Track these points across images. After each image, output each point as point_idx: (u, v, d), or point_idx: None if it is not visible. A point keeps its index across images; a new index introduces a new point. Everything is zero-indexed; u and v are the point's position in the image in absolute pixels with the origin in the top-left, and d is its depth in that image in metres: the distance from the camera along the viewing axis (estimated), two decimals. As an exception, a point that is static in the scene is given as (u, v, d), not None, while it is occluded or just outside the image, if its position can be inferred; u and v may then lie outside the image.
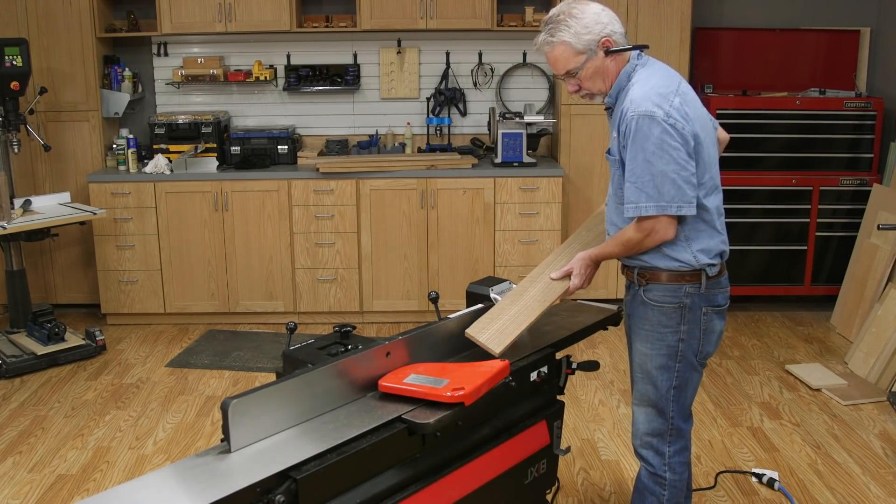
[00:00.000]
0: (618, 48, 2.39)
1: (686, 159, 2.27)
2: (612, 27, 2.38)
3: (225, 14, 5.14)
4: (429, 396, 2.12)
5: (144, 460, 3.59)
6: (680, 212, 2.27)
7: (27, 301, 4.90)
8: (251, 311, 5.24)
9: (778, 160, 5.21)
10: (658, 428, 2.50)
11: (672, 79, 2.39)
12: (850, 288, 5.04)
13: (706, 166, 2.36)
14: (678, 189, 2.26)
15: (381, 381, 2.16)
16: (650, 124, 2.25)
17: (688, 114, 2.31)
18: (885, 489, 3.31)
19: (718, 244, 2.42)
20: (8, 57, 4.58)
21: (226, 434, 1.93)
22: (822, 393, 4.20)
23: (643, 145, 2.26)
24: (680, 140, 2.26)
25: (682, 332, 2.42)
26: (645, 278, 2.43)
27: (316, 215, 5.10)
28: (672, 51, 5.13)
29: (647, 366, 2.48)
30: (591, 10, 2.38)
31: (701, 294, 2.40)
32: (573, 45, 2.37)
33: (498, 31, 5.29)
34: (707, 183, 2.36)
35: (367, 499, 2.03)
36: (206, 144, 5.25)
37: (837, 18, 5.54)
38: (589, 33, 2.36)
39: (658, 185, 2.26)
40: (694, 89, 2.52)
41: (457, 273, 5.15)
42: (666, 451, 2.51)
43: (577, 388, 4.26)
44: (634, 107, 2.29)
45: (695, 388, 2.54)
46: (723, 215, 2.46)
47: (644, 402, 2.52)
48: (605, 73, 2.41)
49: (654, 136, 2.25)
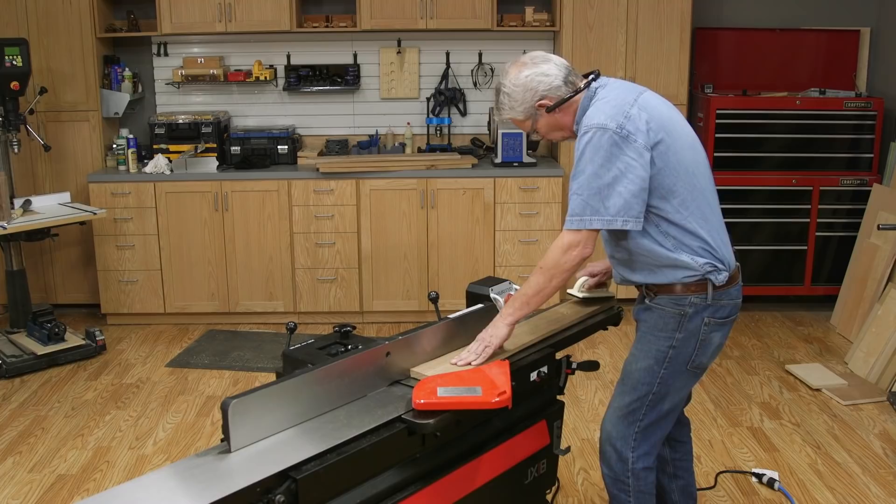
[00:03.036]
0: (557, 102, 2.37)
1: (637, 173, 2.21)
2: (544, 85, 2.36)
3: (225, 14, 5.14)
4: (475, 406, 2.10)
5: (144, 460, 3.59)
6: (625, 226, 2.23)
7: (27, 301, 4.90)
8: (251, 311, 5.24)
9: (778, 160, 5.21)
10: (624, 431, 2.44)
11: (630, 92, 2.35)
12: (850, 288, 5.04)
13: (677, 173, 2.28)
14: (625, 202, 2.21)
15: (415, 400, 2.10)
16: (601, 136, 2.23)
17: (647, 122, 2.25)
18: (885, 489, 3.31)
19: (708, 252, 2.33)
20: (8, 57, 4.58)
21: (226, 434, 1.93)
22: (822, 393, 4.20)
23: (592, 157, 2.23)
24: (632, 153, 2.22)
25: (675, 340, 2.37)
26: (654, 291, 2.40)
27: (316, 215, 5.10)
28: (672, 51, 5.13)
29: (631, 365, 2.45)
30: (519, 80, 2.37)
31: (706, 304, 2.35)
32: (516, 118, 2.43)
33: (498, 31, 5.29)
34: (679, 191, 2.28)
35: (367, 499, 2.03)
36: (206, 144, 5.25)
37: (837, 18, 5.54)
38: (523, 104, 2.38)
39: (604, 197, 2.21)
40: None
41: (457, 273, 5.15)
42: (629, 457, 2.44)
43: (577, 388, 4.26)
44: (587, 121, 2.29)
45: (683, 395, 2.49)
46: (713, 225, 2.36)
47: (617, 401, 2.46)
48: (559, 123, 2.43)
49: (604, 149, 2.22)
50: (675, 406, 2.48)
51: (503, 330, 2.36)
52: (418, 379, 2.26)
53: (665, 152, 2.26)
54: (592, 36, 5.15)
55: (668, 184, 2.27)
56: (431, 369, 2.30)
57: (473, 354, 2.34)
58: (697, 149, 2.39)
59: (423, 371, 2.30)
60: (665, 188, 2.27)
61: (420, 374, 2.28)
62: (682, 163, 2.29)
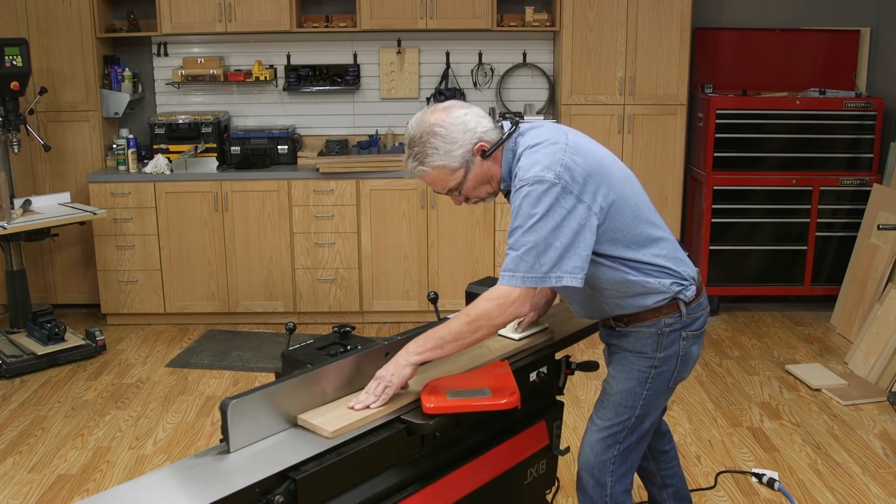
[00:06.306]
0: (494, 146, 2.21)
1: (577, 225, 2.09)
2: (481, 127, 2.20)
3: (225, 14, 5.14)
4: (485, 408, 2.09)
5: (144, 460, 3.59)
6: (560, 283, 2.08)
7: (27, 301, 4.90)
8: (251, 311, 5.24)
9: (778, 160, 5.21)
10: (602, 455, 2.35)
11: (556, 134, 2.20)
12: (850, 288, 5.04)
13: (622, 213, 2.18)
14: (563, 257, 2.07)
15: (425, 405, 2.07)
16: (539, 189, 2.08)
17: (584, 168, 2.13)
18: (885, 489, 3.31)
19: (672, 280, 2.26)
20: (8, 57, 4.58)
21: (225, 434, 1.93)
22: (822, 393, 4.20)
23: (530, 211, 2.08)
24: (571, 204, 2.09)
25: (656, 360, 2.29)
26: (624, 321, 2.31)
27: (316, 215, 5.10)
28: (672, 51, 5.13)
29: (612, 387, 2.36)
30: (454, 119, 2.18)
31: (682, 323, 2.28)
32: (448, 166, 2.19)
33: (498, 31, 5.29)
34: (628, 230, 2.19)
35: (366, 499, 2.03)
36: (206, 144, 5.25)
37: (837, 18, 5.53)
38: (460, 147, 2.17)
39: (540, 252, 2.07)
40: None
41: (457, 273, 5.15)
42: (608, 481, 2.36)
43: (576, 388, 4.26)
44: (522, 174, 2.13)
45: (661, 410, 2.44)
46: (666, 246, 2.27)
47: (597, 424, 2.38)
48: (489, 174, 2.24)
49: (543, 202, 2.07)
50: (654, 423, 2.43)
51: (406, 370, 2.12)
52: (306, 427, 2.03)
53: (606, 195, 2.15)
54: (592, 36, 5.15)
55: (615, 226, 2.18)
56: (321, 416, 2.05)
57: (373, 396, 2.10)
58: (632, 178, 2.29)
59: (308, 419, 2.04)
60: (613, 231, 2.18)
61: (307, 421, 2.03)
62: (624, 200, 2.20)
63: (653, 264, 2.24)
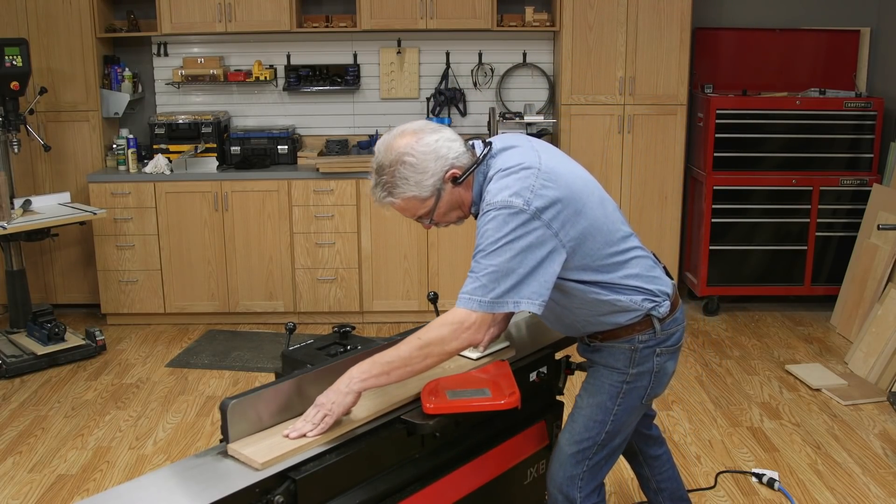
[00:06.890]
0: (466, 171, 2.11)
1: (544, 252, 2.01)
2: (452, 153, 2.09)
3: (225, 14, 5.14)
4: (486, 408, 2.09)
5: (144, 460, 3.59)
6: (518, 308, 2.00)
7: (27, 301, 4.90)
8: (251, 311, 5.24)
9: (778, 160, 5.21)
10: (571, 471, 2.30)
11: (530, 157, 2.10)
12: (850, 288, 5.04)
13: (593, 238, 2.12)
14: (524, 284, 1.99)
15: (425, 405, 2.07)
16: (506, 215, 2.00)
17: (555, 193, 2.04)
18: (885, 489, 3.31)
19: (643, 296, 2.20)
20: (8, 57, 4.58)
21: (225, 434, 1.93)
22: (822, 393, 4.20)
23: (495, 236, 1.99)
24: (540, 232, 2.01)
25: (629, 375, 2.25)
26: (598, 338, 2.28)
27: (316, 215, 5.10)
28: (672, 51, 5.13)
29: (583, 400, 2.32)
30: (425, 146, 2.06)
31: (656, 339, 2.24)
32: (419, 196, 2.08)
33: (498, 31, 5.29)
34: (601, 252, 2.13)
35: (366, 499, 2.03)
36: (206, 144, 5.25)
37: (837, 18, 5.54)
38: (431, 176, 2.07)
39: (501, 277, 1.98)
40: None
41: (457, 273, 5.15)
42: (577, 497, 2.29)
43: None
44: (490, 198, 2.04)
45: (633, 428, 2.39)
46: (640, 264, 2.22)
47: (566, 438, 2.32)
48: (460, 200, 2.14)
49: (509, 228, 1.99)
50: (626, 439, 2.38)
51: (349, 398, 2.00)
52: (236, 458, 1.89)
53: (576, 224, 2.08)
54: (592, 36, 5.15)
55: (585, 253, 2.11)
56: (251, 446, 1.91)
57: (310, 424, 1.97)
58: (605, 200, 2.21)
59: (239, 448, 1.90)
60: (582, 258, 2.12)
61: (237, 451, 1.90)
62: (596, 226, 2.12)
63: (625, 285, 2.19)
